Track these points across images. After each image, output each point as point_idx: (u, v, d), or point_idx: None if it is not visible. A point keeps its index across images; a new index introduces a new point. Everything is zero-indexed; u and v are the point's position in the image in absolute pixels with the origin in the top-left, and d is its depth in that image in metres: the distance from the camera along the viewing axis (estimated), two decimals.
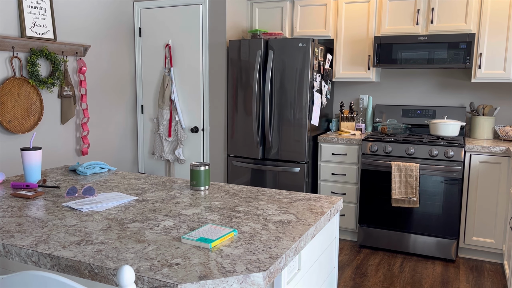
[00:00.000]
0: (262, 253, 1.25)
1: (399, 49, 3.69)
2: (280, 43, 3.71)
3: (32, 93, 3.32)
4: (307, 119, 3.70)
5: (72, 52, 3.64)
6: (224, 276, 1.11)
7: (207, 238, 1.32)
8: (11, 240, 1.33)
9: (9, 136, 3.22)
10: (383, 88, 4.25)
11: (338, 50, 4.05)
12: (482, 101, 3.92)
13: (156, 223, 1.51)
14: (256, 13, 4.30)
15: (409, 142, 3.54)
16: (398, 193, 3.49)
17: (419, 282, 3.14)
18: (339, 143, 3.82)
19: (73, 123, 3.75)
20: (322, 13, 4.05)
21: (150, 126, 4.42)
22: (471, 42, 3.46)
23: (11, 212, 1.62)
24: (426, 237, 3.53)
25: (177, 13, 4.13)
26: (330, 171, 3.88)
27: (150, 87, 4.36)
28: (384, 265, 3.43)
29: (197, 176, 1.96)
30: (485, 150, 3.36)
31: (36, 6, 3.32)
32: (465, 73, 3.95)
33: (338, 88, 4.43)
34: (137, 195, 1.88)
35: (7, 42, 3.11)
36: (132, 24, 4.33)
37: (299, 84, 3.68)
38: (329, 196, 1.88)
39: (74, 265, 1.20)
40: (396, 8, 3.78)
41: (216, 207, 1.71)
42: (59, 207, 1.68)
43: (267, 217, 1.58)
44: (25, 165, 2.03)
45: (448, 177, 3.41)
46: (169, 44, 4.17)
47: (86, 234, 1.39)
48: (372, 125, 4.19)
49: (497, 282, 3.14)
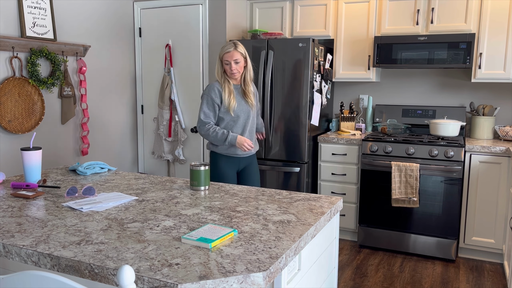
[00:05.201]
0: (262, 253, 1.25)
1: (399, 49, 3.69)
2: (280, 43, 3.71)
3: (33, 93, 3.32)
4: (307, 119, 3.70)
5: (72, 52, 3.64)
6: (224, 276, 1.11)
7: (207, 238, 1.32)
8: (11, 240, 1.33)
9: (9, 136, 3.22)
10: (383, 88, 4.25)
11: (338, 50, 4.05)
12: (482, 101, 3.92)
13: (156, 223, 1.51)
14: (256, 13, 4.30)
15: (409, 142, 3.54)
16: (398, 193, 3.49)
17: (419, 282, 3.14)
18: (339, 143, 3.82)
19: (73, 123, 3.75)
20: (322, 13, 4.05)
21: (150, 126, 4.42)
22: (471, 42, 3.46)
23: (11, 212, 1.62)
24: (426, 237, 3.53)
25: (177, 13, 4.13)
26: (330, 171, 3.88)
27: (150, 87, 4.36)
28: (384, 265, 3.43)
29: (197, 176, 1.96)
30: (485, 150, 3.36)
31: (36, 6, 3.32)
32: (465, 73, 3.95)
33: (338, 88, 4.43)
34: (137, 195, 1.88)
35: (7, 42, 3.11)
36: (132, 24, 4.33)
37: (299, 84, 3.68)
38: (329, 196, 1.88)
39: (74, 265, 1.20)
40: (396, 8, 3.78)
41: (216, 207, 1.71)
42: (59, 207, 1.68)
43: (267, 217, 1.58)
44: (25, 165, 2.03)
45: (448, 177, 3.41)
46: (169, 44, 4.17)
47: (86, 234, 1.39)
48: (372, 125, 4.19)
49: (497, 282, 3.14)
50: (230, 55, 2.77)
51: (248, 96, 2.88)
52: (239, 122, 2.87)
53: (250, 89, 2.91)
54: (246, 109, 2.89)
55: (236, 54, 2.77)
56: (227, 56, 2.77)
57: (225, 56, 2.78)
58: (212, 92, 2.83)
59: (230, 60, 2.76)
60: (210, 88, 2.85)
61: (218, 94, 2.82)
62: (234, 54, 2.77)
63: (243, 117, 2.88)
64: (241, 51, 2.80)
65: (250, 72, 2.89)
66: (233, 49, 2.77)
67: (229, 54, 2.77)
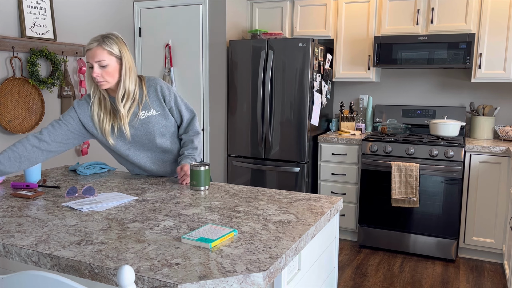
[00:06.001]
0: (262, 253, 1.25)
1: (399, 49, 3.69)
2: (280, 43, 3.71)
3: (33, 93, 3.32)
4: (307, 119, 3.70)
5: (72, 52, 3.64)
6: (224, 276, 1.11)
7: (207, 238, 1.32)
8: (11, 240, 1.33)
9: (9, 136, 3.22)
10: (383, 88, 4.25)
11: (338, 50, 4.05)
12: (482, 101, 3.92)
13: (156, 223, 1.51)
14: (256, 13, 4.30)
15: (409, 142, 3.54)
16: (398, 193, 3.49)
17: (419, 282, 3.14)
18: (339, 143, 3.82)
19: None
20: (322, 13, 4.05)
21: None
22: (471, 42, 3.46)
23: (11, 212, 1.62)
24: (426, 237, 3.53)
25: (177, 13, 4.13)
26: (330, 171, 3.88)
27: None
28: (384, 265, 3.43)
29: (197, 176, 1.96)
30: (485, 150, 3.36)
31: (36, 6, 3.32)
32: (465, 73, 3.95)
33: (338, 88, 4.43)
34: (137, 195, 1.88)
35: (7, 42, 3.11)
36: (132, 24, 4.33)
37: (299, 84, 3.68)
38: (329, 196, 1.88)
39: (74, 265, 1.20)
40: (396, 8, 3.78)
41: (216, 207, 1.71)
42: (59, 207, 1.68)
43: (267, 217, 1.58)
44: None
45: (448, 177, 3.41)
46: (169, 44, 4.17)
47: (86, 234, 1.39)
48: (372, 125, 4.19)
49: (497, 282, 3.14)
50: (91, 54, 1.89)
51: (120, 120, 1.99)
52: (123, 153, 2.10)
53: (124, 109, 1.98)
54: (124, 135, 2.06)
55: (101, 53, 1.88)
56: (89, 56, 1.90)
57: (86, 57, 1.92)
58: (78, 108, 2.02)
59: (91, 61, 1.90)
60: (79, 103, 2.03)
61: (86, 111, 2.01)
62: (97, 53, 1.88)
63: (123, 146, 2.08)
64: (111, 49, 1.91)
65: (130, 78, 1.96)
66: (96, 46, 1.89)
67: (91, 53, 1.89)
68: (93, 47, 1.88)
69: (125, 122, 2.00)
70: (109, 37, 1.91)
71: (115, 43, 1.91)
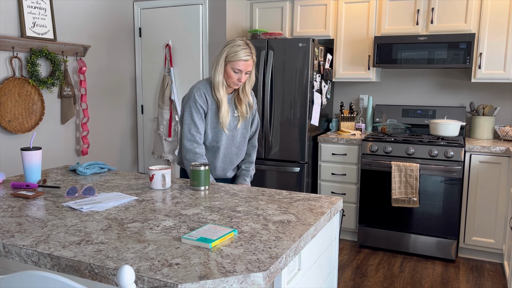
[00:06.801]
0: (262, 253, 1.25)
1: (399, 49, 3.69)
2: (280, 43, 3.71)
3: (33, 93, 3.32)
4: (307, 119, 3.70)
5: (72, 52, 3.64)
6: (224, 276, 1.11)
7: (207, 238, 1.32)
8: (11, 240, 1.33)
9: (9, 136, 3.22)
10: (383, 88, 4.25)
11: (338, 50, 4.05)
12: (482, 101, 3.92)
13: (156, 223, 1.51)
14: (256, 13, 4.30)
15: (409, 142, 3.54)
16: (398, 193, 3.49)
17: (419, 282, 3.14)
18: (339, 143, 3.82)
19: (73, 123, 3.75)
20: (322, 13, 4.05)
21: (150, 126, 4.42)
22: (471, 42, 3.46)
23: (11, 212, 1.62)
24: (426, 237, 3.53)
25: (177, 13, 4.13)
26: (330, 171, 3.88)
27: (150, 87, 4.36)
28: (384, 265, 3.43)
29: (197, 176, 1.96)
30: (485, 150, 3.36)
31: (36, 6, 3.32)
32: (465, 73, 3.95)
33: (338, 88, 4.43)
34: (137, 195, 1.88)
35: (7, 42, 3.11)
36: (132, 24, 4.33)
37: (299, 84, 3.68)
38: (329, 196, 1.88)
39: (74, 265, 1.20)
40: (396, 8, 3.78)
41: (216, 207, 1.71)
42: (59, 207, 1.68)
43: (267, 217, 1.58)
44: (25, 165, 2.03)
45: (448, 177, 3.41)
46: (169, 44, 4.17)
47: (86, 234, 1.39)
48: (372, 125, 4.19)
49: (497, 282, 3.14)
50: (245, 64, 2.18)
51: (241, 105, 2.32)
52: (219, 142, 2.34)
53: (246, 99, 2.33)
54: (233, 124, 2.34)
55: (251, 64, 2.21)
56: (242, 65, 2.17)
57: (237, 64, 2.17)
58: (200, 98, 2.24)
59: (243, 69, 2.18)
60: (196, 93, 2.24)
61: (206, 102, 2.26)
62: (250, 64, 2.19)
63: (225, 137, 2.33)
64: (255, 59, 2.25)
65: (252, 79, 2.30)
66: (251, 58, 2.19)
67: (245, 64, 2.17)
68: (249, 59, 2.18)
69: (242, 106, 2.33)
70: (253, 48, 2.22)
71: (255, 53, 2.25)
